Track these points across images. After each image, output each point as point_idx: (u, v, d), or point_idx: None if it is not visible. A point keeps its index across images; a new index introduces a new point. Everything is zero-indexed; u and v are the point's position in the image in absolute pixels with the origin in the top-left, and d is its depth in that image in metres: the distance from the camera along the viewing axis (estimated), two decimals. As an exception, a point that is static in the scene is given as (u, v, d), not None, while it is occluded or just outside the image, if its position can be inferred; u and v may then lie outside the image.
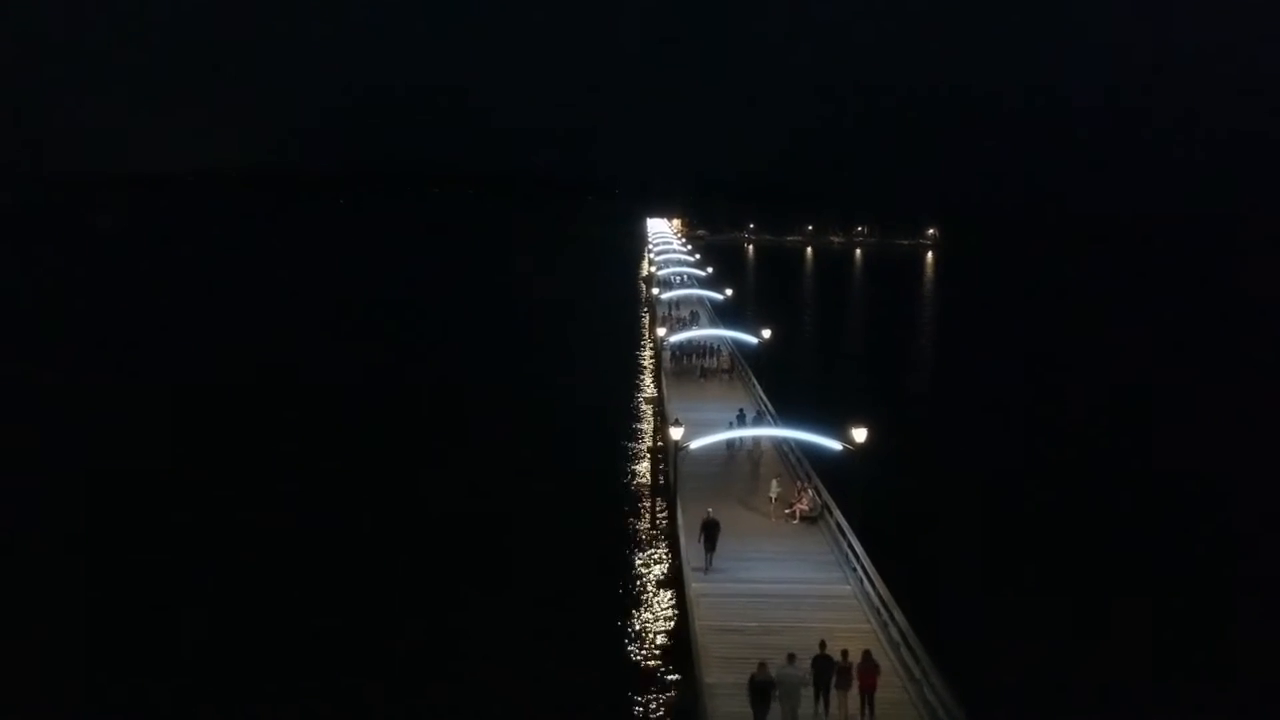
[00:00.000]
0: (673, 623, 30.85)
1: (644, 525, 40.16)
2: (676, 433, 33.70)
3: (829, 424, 38.50)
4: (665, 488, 42.35)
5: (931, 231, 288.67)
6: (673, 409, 52.60)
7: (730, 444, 43.98)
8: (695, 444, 34.09)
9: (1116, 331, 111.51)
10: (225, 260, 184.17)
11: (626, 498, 44.06)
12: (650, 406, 61.43)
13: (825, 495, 36.14)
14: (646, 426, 57.16)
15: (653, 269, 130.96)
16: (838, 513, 34.20)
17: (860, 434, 31.95)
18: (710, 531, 30.13)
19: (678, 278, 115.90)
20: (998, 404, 68.79)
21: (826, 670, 23.18)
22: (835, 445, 32.39)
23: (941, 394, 74.26)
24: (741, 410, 49.45)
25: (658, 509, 41.90)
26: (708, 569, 29.90)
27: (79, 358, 79.52)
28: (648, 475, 46.84)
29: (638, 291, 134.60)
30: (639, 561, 36.26)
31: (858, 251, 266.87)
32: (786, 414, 50.19)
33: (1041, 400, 71.17)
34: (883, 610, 27.51)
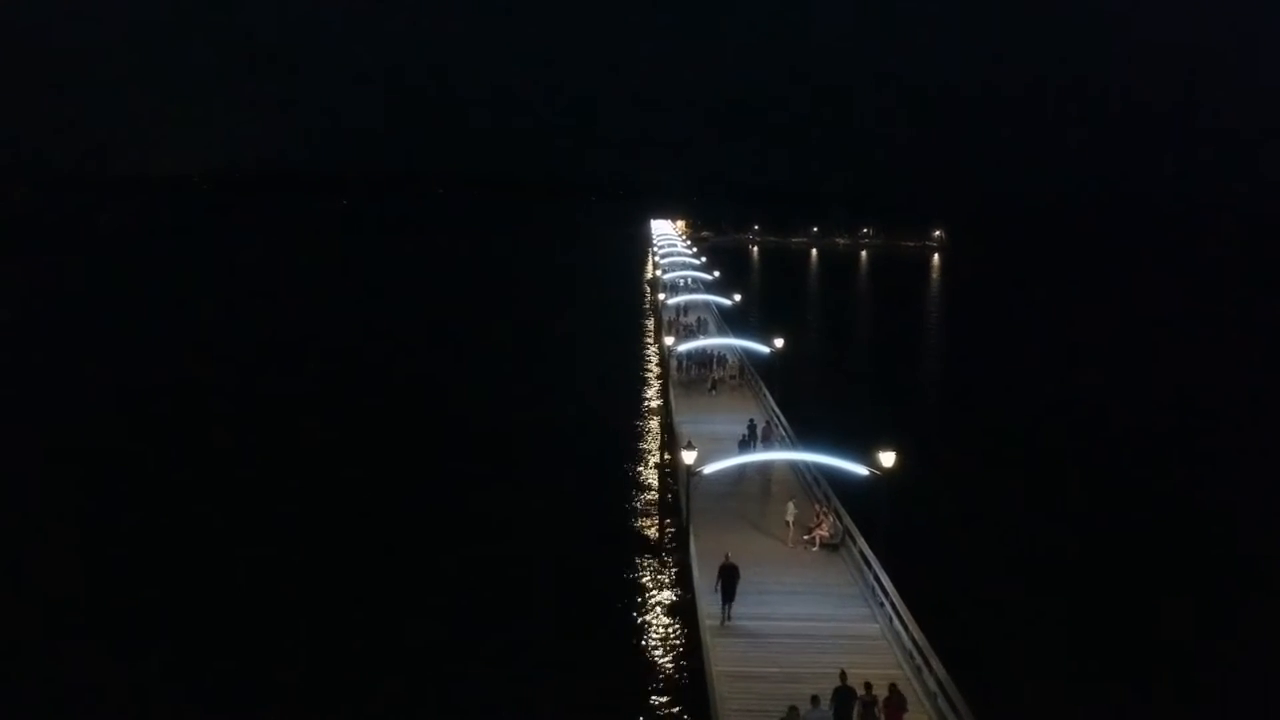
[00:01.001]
0: (685, 668, 28.42)
1: (652, 552, 37.86)
2: (689, 457, 31.31)
3: (847, 440, 36.10)
4: (674, 507, 40.21)
5: (938, 233, 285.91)
6: (680, 421, 50.50)
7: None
8: (709, 469, 31.72)
9: (1130, 333, 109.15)
10: (225, 262, 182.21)
11: (632, 520, 41.68)
12: (656, 418, 59.12)
13: (846, 520, 33.86)
14: (652, 440, 54.82)
15: (658, 272, 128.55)
16: (861, 540, 31.88)
17: (888, 458, 29.52)
18: (728, 579, 27.22)
19: (683, 280, 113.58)
20: (1027, 419, 64.61)
21: (847, 704, 21.72)
22: (861, 470, 29.96)
23: (963, 408, 69.76)
24: (752, 421, 47.27)
25: (666, 530, 39.69)
26: (725, 621, 27.10)
27: (78, 357, 78.33)
28: (654, 494, 44.63)
29: (642, 295, 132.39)
30: (647, 596, 33.80)
31: (863, 253, 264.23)
32: (800, 428, 47.79)
33: (1075, 414, 66.98)
34: (916, 655, 25.22)
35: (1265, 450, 58.01)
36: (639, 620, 31.99)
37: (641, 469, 49.42)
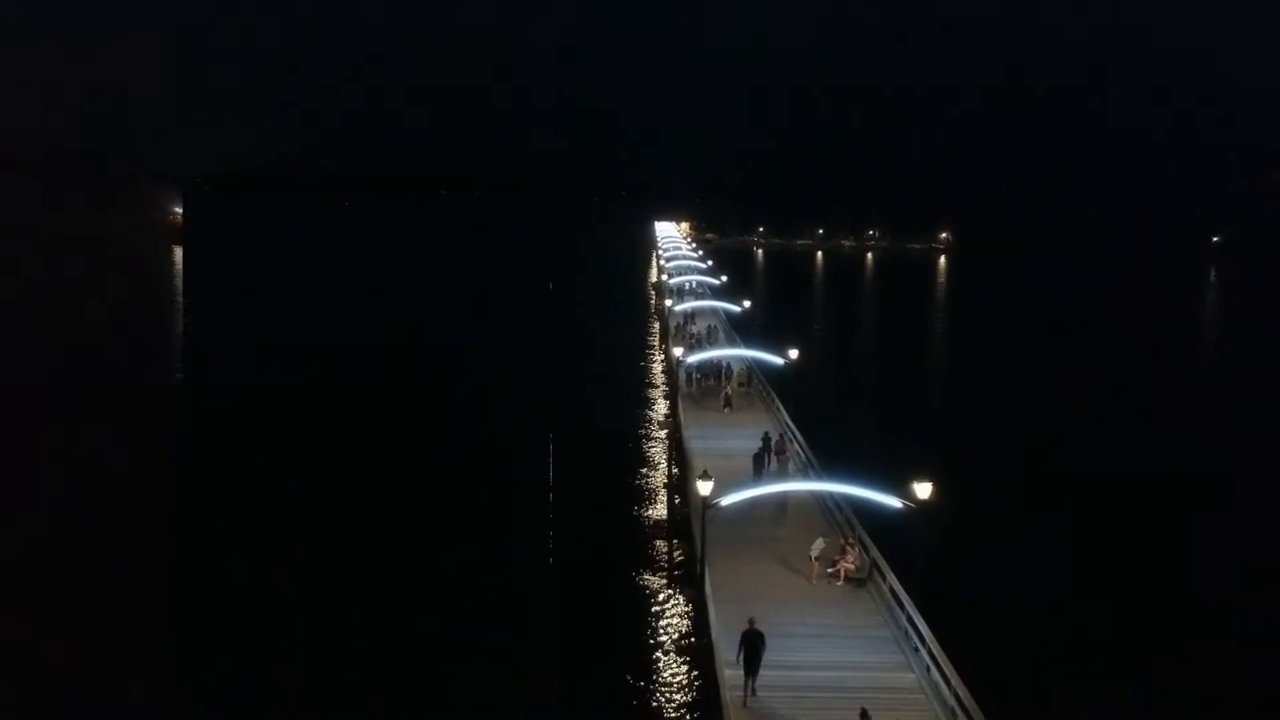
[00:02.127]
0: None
1: (661, 583, 35.33)
2: (705, 488, 28.74)
3: (867, 460, 33.69)
4: (683, 530, 37.74)
5: (944, 235, 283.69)
6: (690, 436, 48.12)
7: (757, 475, 40.31)
8: (727, 500, 29.12)
9: (1144, 336, 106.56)
10: (224, 261, 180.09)
11: (639, 546, 39.00)
12: (663, 432, 56.57)
13: (874, 552, 31.28)
14: (660, 457, 52.24)
15: (663, 277, 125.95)
16: (890, 576, 29.29)
17: (923, 489, 26.93)
18: (752, 647, 23.90)
19: (689, 284, 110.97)
20: (1060, 436, 60.91)
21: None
22: (894, 503, 27.35)
23: (988, 424, 64.66)
24: (766, 434, 44.85)
25: (675, 557, 37.17)
26: (748, 695, 23.80)
27: (78, 357, 76.42)
28: (662, 516, 42.12)
29: (645, 299, 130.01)
30: (658, 636, 31.05)
31: (869, 255, 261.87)
32: (818, 446, 45.18)
33: (1113, 429, 63.30)
34: (960, 712, 22.64)
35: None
36: (649, 663, 29.35)
37: (649, 490, 46.84)
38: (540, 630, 31.57)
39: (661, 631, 31.34)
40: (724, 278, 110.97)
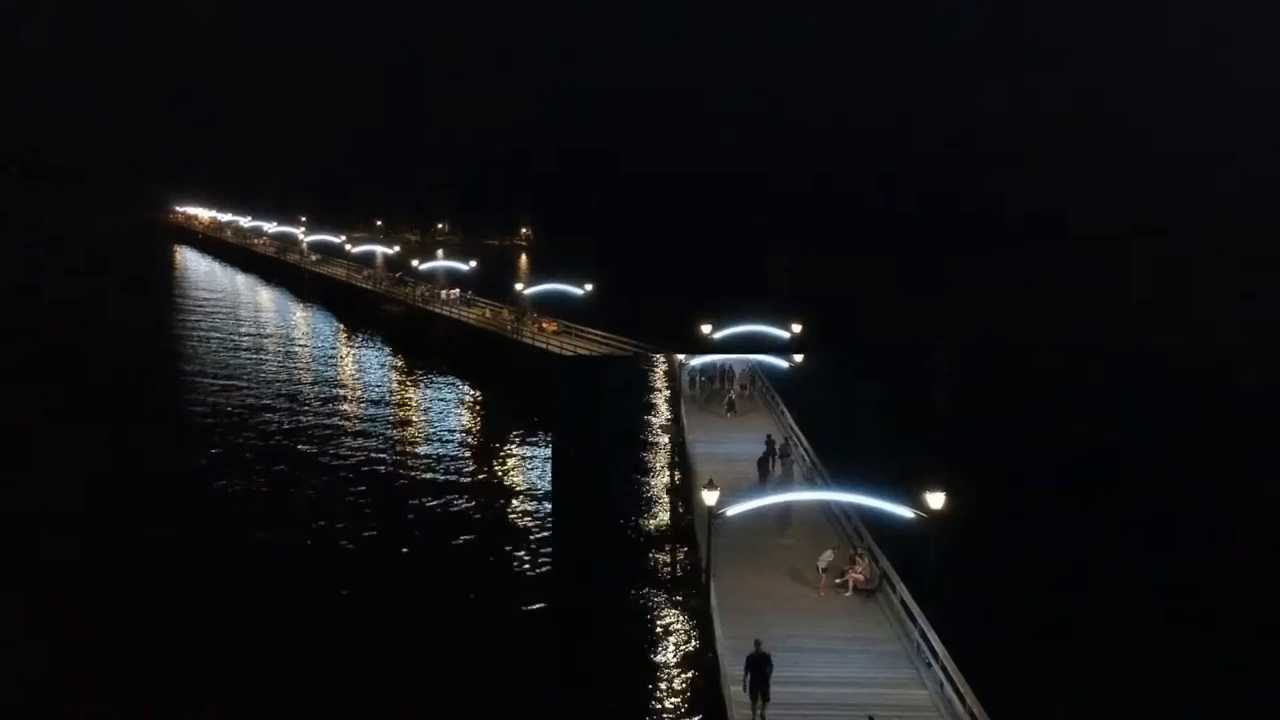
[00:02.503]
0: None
1: (664, 591, 34.61)
2: (710, 497, 27.96)
3: (875, 462, 32.81)
4: (685, 536, 37.05)
5: (944, 236, 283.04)
6: (693, 441, 47.50)
7: (761, 480, 40.06)
8: (733, 510, 28.35)
9: (1156, 334, 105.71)
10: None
11: (638, 553, 38.28)
12: (666, 437, 55.84)
13: (884, 563, 30.56)
14: (661, 460, 51.54)
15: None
16: (901, 587, 28.57)
17: (936, 499, 26.13)
18: (759, 671, 22.96)
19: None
20: (1074, 441, 58.88)
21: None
22: (906, 513, 26.51)
23: (1002, 427, 62.33)
24: (769, 437, 44.24)
25: (678, 565, 36.44)
26: (756, 717, 22.92)
27: (75, 356, 75.91)
28: (664, 524, 41.41)
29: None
30: (657, 653, 30.18)
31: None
32: (821, 448, 44.44)
33: (1139, 430, 61.62)
34: (975, 731, 21.96)
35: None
36: (651, 679, 28.55)
37: (651, 496, 46.11)
38: (539, 641, 30.85)
39: (665, 645, 30.57)
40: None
